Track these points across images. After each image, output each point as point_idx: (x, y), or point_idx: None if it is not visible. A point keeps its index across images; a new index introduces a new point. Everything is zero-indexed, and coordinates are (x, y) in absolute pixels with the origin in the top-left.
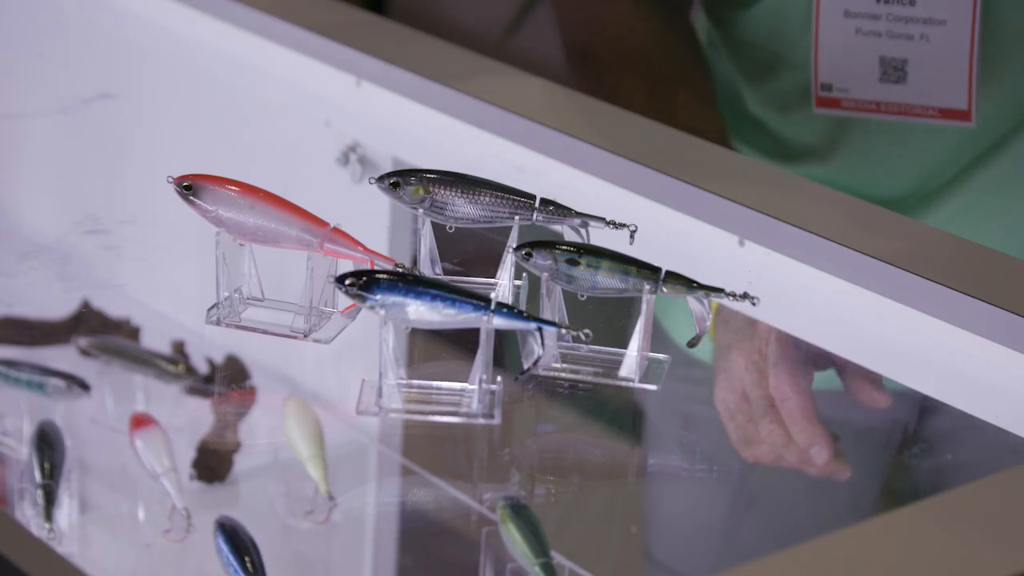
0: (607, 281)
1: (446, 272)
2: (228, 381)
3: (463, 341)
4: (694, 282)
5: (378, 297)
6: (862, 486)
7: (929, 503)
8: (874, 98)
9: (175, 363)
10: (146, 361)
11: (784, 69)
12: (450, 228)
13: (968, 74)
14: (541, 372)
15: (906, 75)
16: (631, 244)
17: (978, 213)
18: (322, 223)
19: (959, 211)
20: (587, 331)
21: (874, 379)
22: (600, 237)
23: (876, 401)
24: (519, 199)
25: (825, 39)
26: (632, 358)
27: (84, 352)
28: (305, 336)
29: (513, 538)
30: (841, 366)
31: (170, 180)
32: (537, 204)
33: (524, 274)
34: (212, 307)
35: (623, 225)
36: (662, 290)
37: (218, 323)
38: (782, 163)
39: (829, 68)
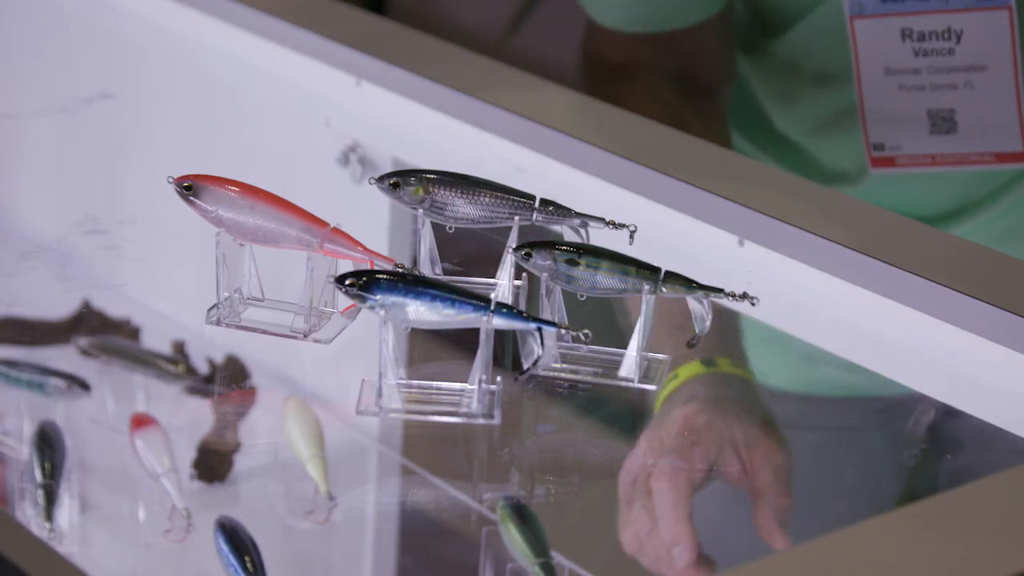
0: (607, 281)
1: (446, 272)
2: (228, 381)
3: (463, 341)
4: (694, 282)
5: (378, 297)
6: (862, 487)
7: (929, 503)
8: (928, 151)
9: (175, 363)
10: (146, 361)
11: (817, 91)
12: (450, 228)
13: (1018, 115)
14: (541, 372)
15: (956, 125)
16: (631, 244)
17: (1016, 228)
18: (322, 223)
19: (997, 226)
20: (586, 331)
21: (781, 516)
22: (600, 237)
23: (774, 541)
24: (519, 199)
25: (870, 100)
26: (632, 358)
27: (84, 352)
28: (305, 336)
29: (513, 538)
30: (753, 491)
31: (170, 180)
32: (537, 204)
33: (524, 274)
34: (212, 307)
35: (623, 225)
36: (662, 290)
37: (218, 323)
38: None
39: (878, 128)
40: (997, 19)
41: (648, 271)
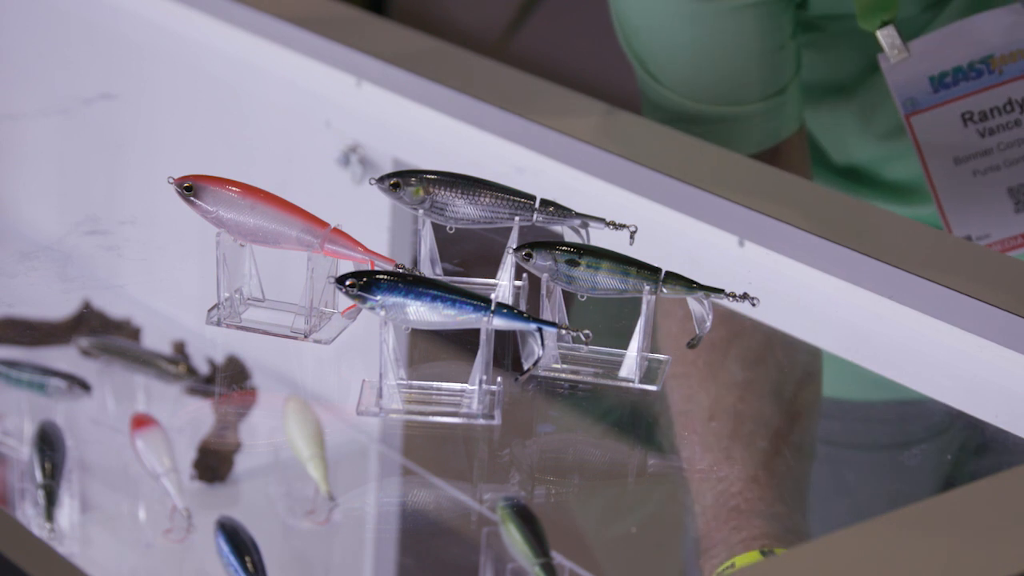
0: (607, 282)
1: (446, 273)
2: (229, 381)
3: (463, 342)
4: (694, 283)
5: (378, 298)
6: (862, 487)
7: (929, 503)
8: (1017, 232)
9: (176, 363)
10: (147, 361)
11: (873, 164)
12: (450, 229)
13: None
14: (541, 373)
15: None
16: (631, 245)
17: None
18: (322, 224)
19: None
20: (587, 332)
21: None
22: (600, 238)
23: None
24: (519, 200)
25: (946, 195)
26: (632, 359)
27: (85, 352)
28: (305, 337)
29: (513, 538)
30: None
31: (171, 181)
32: (537, 205)
33: (524, 275)
34: (213, 307)
35: (623, 226)
36: (662, 291)
37: (219, 323)
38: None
39: (962, 221)
40: None
41: (648, 272)
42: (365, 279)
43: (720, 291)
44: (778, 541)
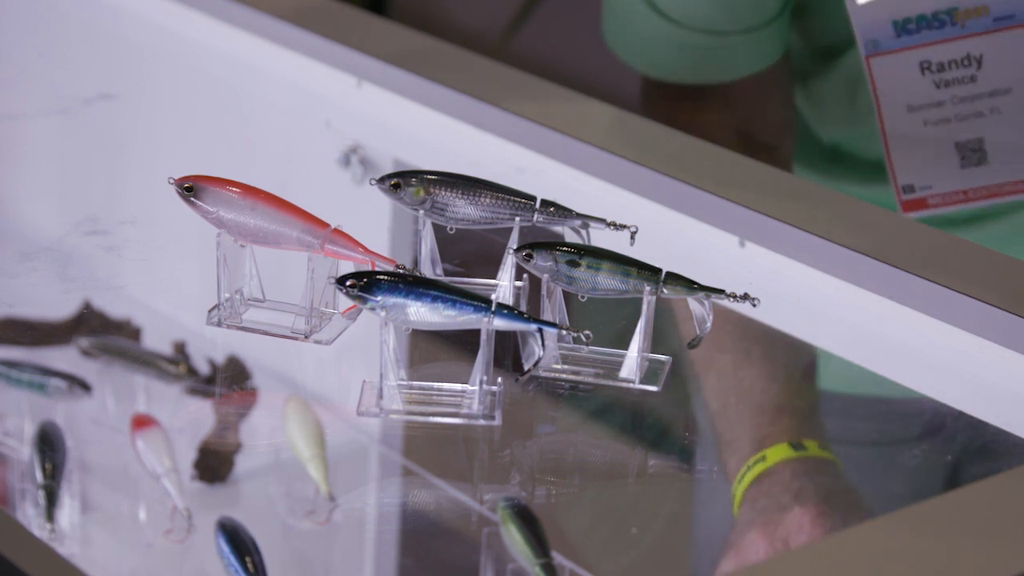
0: (608, 282)
1: (447, 273)
2: (229, 382)
3: (463, 342)
4: (695, 283)
5: (379, 298)
6: (862, 487)
7: (929, 504)
8: (959, 187)
9: (176, 364)
10: (147, 362)
11: (857, 140)
12: (451, 229)
13: None
14: (542, 373)
15: (986, 155)
16: (632, 245)
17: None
18: (323, 224)
19: (999, 229)
20: (587, 332)
21: None
22: (601, 238)
23: None
24: (520, 200)
25: (895, 141)
26: (632, 359)
27: (85, 353)
28: (306, 337)
29: (514, 539)
30: None
31: (171, 181)
32: (538, 205)
33: (524, 275)
34: (213, 308)
35: (624, 226)
36: (663, 291)
37: (219, 324)
38: (862, 186)
39: (906, 169)
40: (1015, 39)
41: (649, 272)
42: (365, 280)
43: (721, 291)
44: (806, 436)
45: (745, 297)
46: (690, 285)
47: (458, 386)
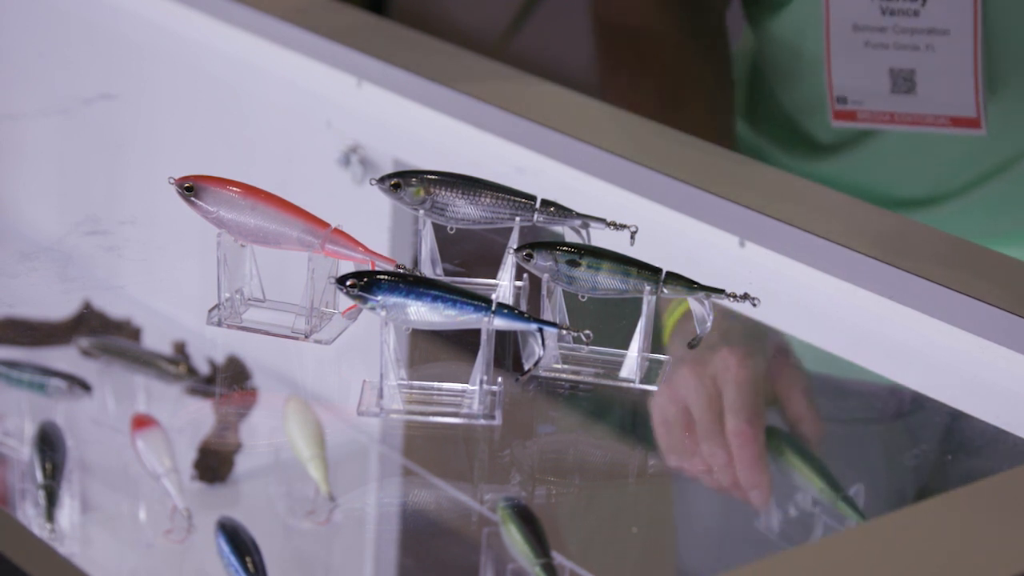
0: (608, 282)
1: (447, 273)
2: (229, 382)
3: (464, 342)
4: (695, 283)
5: (379, 298)
6: (863, 488)
7: (929, 504)
8: (887, 109)
9: (176, 364)
10: (147, 362)
11: (807, 72)
12: (451, 229)
13: (974, 82)
14: (542, 373)
15: (915, 85)
16: (632, 245)
17: (993, 220)
18: (323, 224)
19: (974, 216)
20: (587, 332)
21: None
22: (601, 238)
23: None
24: (520, 200)
25: (837, 53)
26: (632, 359)
27: (85, 353)
28: (306, 337)
29: (514, 539)
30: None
31: (171, 181)
32: (538, 205)
33: (524, 275)
34: (213, 308)
35: (624, 226)
36: (663, 291)
37: (219, 324)
38: (807, 162)
39: (843, 82)
40: None
41: (649, 272)
42: (366, 279)
43: (721, 291)
44: None
45: (745, 297)
46: (690, 285)
47: (458, 386)
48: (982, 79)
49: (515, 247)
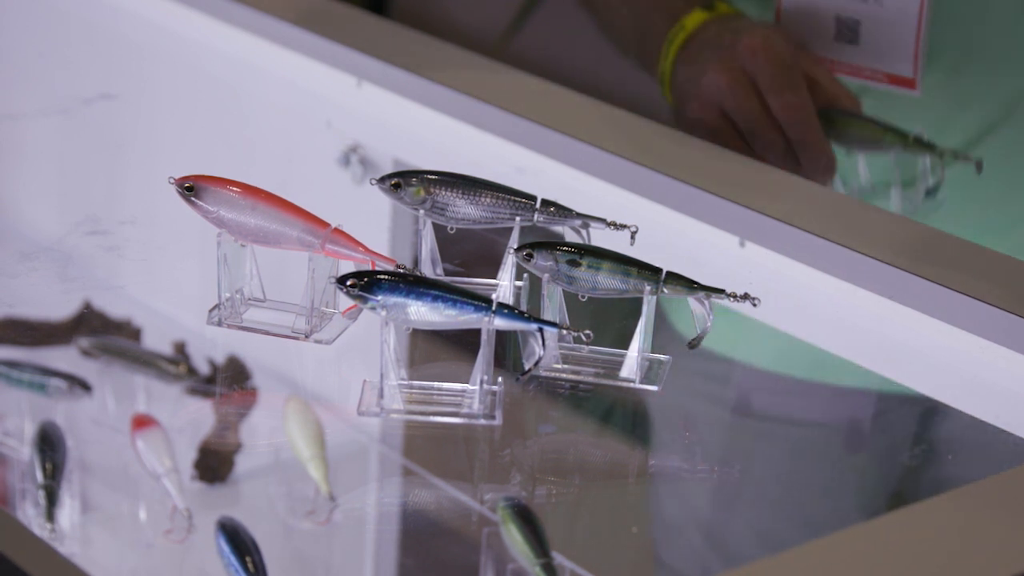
0: (608, 282)
1: (447, 273)
2: (229, 382)
3: (464, 342)
4: (695, 283)
5: (379, 298)
6: (863, 488)
7: (930, 504)
8: (829, 55)
9: (176, 364)
10: (147, 362)
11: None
12: (451, 229)
13: (915, 42)
14: (542, 373)
15: (858, 36)
16: (632, 245)
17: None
18: (323, 224)
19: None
20: (588, 332)
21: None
22: (601, 238)
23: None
24: (520, 200)
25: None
26: (633, 359)
27: (85, 353)
28: (306, 337)
29: (514, 539)
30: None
31: (171, 181)
32: (538, 205)
33: (525, 275)
34: (213, 308)
35: (624, 226)
36: (663, 291)
37: (219, 324)
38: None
39: (792, 22)
40: None
41: (649, 272)
42: (366, 279)
43: (721, 291)
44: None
45: (745, 297)
46: (690, 285)
47: (458, 386)
48: (924, 41)
49: (515, 247)
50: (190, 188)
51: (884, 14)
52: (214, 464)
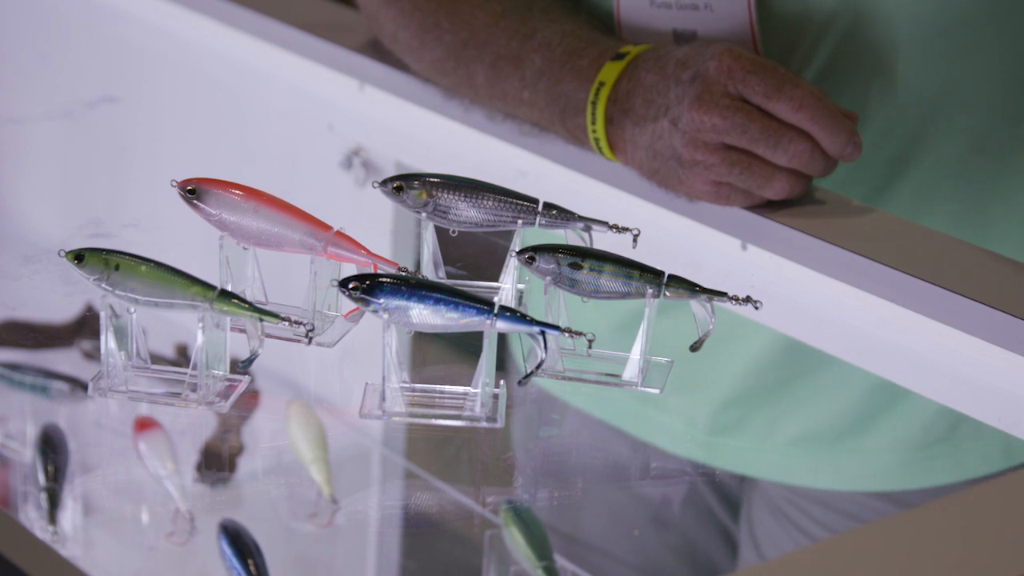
0: (610, 285)
1: (449, 276)
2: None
3: (466, 345)
4: (697, 286)
5: (381, 301)
6: (863, 489)
7: (930, 506)
8: None
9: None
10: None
11: None
12: (453, 232)
13: (752, 41)
14: (544, 376)
15: None
16: (634, 248)
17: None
18: (325, 227)
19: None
20: (590, 335)
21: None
22: (603, 241)
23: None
24: (522, 203)
25: (626, 13)
26: (635, 362)
27: (88, 355)
28: (308, 340)
29: (516, 541)
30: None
31: (174, 184)
32: (540, 208)
33: (527, 278)
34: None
35: (626, 229)
36: (665, 294)
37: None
38: None
39: (633, 41)
40: None
41: (652, 275)
42: (368, 282)
43: (723, 294)
44: (620, 47)
45: (747, 300)
46: (692, 288)
47: (460, 389)
48: (760, 43)
49: (517, 250)
50: (192, 191)
51: (717, 20)
52: (216, 466)
